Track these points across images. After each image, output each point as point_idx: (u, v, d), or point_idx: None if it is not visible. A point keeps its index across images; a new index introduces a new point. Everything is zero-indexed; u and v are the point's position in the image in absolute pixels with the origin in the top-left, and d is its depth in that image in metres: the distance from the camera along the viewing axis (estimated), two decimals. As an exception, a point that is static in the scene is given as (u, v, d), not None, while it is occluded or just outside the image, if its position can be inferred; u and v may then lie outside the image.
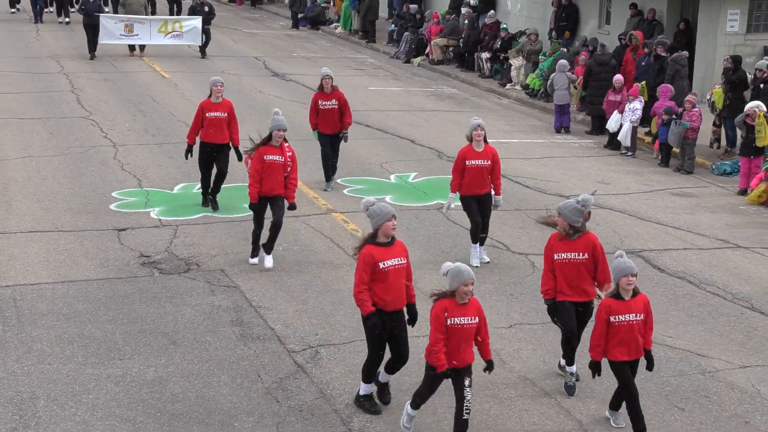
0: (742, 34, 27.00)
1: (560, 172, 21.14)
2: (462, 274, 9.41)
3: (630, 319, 9.94)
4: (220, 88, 17.34)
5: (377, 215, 10.30)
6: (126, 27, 32.81)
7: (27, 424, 10.34)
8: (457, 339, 9.56)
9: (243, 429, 10.38)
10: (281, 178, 14.58)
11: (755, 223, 18.17)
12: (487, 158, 14.97)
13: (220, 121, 17.16)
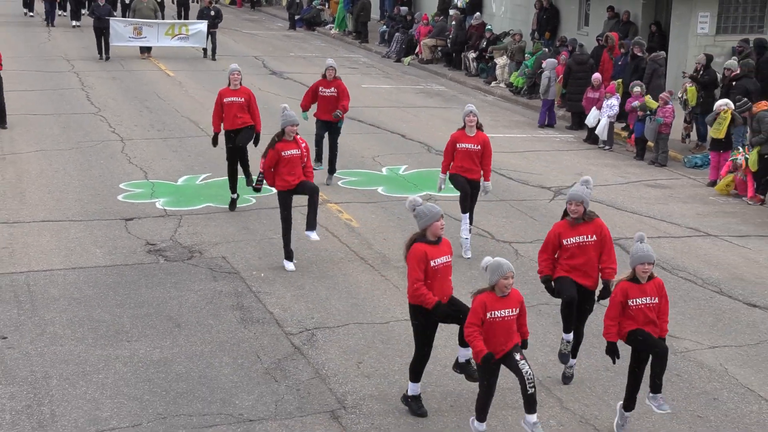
0: (712, 35, 27.04)
1: (542, 165, 21.16)
2: (502, 267, 9.11)
3: (646, 302, 9.66)
4: (237, 76, 16.89)
5: (425, 215, 9.93)
6: (135, 30, 32.66)
7: (41, 401, 10.36)
8: (499, 331, 9.23)
9: (243, 407, 10.40)
10: (300, 170, 14.29)
11: (723, 212, 18.21)
12: (478, 143, 14.73)
13: (238, 105, 16.78)
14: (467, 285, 12.42)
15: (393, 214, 17.25)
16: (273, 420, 10.15)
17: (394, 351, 11.86)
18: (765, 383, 11.33)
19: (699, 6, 26.84)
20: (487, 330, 9.18)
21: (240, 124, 16.78)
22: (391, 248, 15.50)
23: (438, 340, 12.11)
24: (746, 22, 27.43)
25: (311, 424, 10.09)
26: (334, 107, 18.50)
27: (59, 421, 9.98)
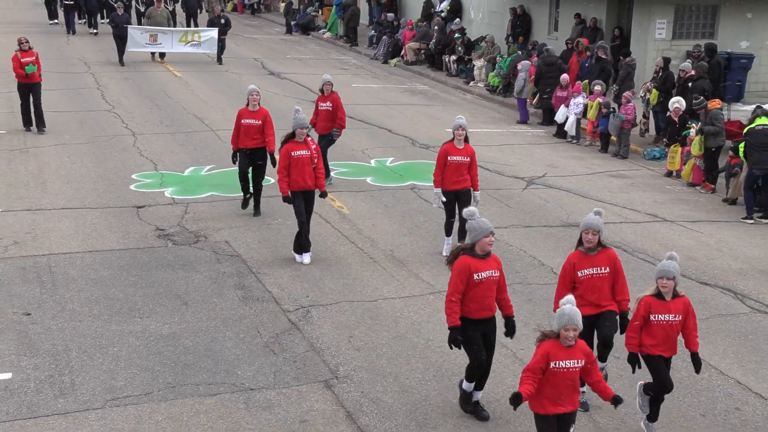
0: (669, 40, 27.11)
1: (516, 157, 21.17)
2: (563, 317, 7.92)
3: (669, 318, 8.97)
4: (255, 97, 15.86)
5: (476, 230, 9.22)
6: (151, 37, 32.41)
7: (62, 372, 10.37)
8: (562, 383, 8.00)
9: (245, 377, 10.42)
10: (310, 170, 13.81)
11: (679, 200, 18.27)
12: (467, 155, 14.02)
13: (254, 128, 15.86)
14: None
15: (381, 202, 17.27)
16: (272, 389, 10.17)
17: (382, 326, 11.90)
18: (714, 353, 11.40)
19: (657, 14, 26.92)
20: (548, 380, 7.98)
21: (256, 144, 15.94)
22: (379, 233, 15.52)
23: (421, 316, 12.18)
24: (699, 28, 27.52)
25: (307, 393, 10.11)
26: (329, 120, 17.86)
27: (78, 390, 9.99)
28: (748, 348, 11.63)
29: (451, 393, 10.19)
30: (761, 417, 9.96)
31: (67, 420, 9.41)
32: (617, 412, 9.62)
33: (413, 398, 10.07)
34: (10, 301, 12.29)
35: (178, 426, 9.35)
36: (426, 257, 14.47)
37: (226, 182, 18.00)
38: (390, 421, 9.60)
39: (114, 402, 9.78)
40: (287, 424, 9.46)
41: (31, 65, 21.00)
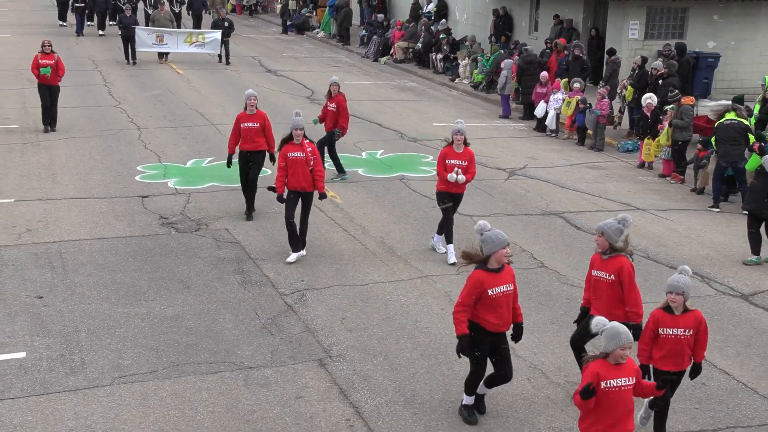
0: (641, 40, 27.16)
1: (498, 150, 21.20)
2: (620, 336, 7.24)
3: (677, 333, 8.36)
4: (252, 101, 15.30)
5: (492, 242, 8.67)
6: (157, 37, 32.14)
7: (72, 351, 10.40)
8: (615, 403, 7.26)
9: (244, 356, 10.45)
10: (306, 172, 13.36)
11: (650, 190, 18.34)
12: (465, 159, 13.45)
13: (255, 131, 15.40)
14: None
15: (371, 192, 17.29)
16: (269, 367, 10.20)
17: (373, 308, 11.94)
18: (684, 334, 11.46)
19: (630, 15, 26.98)
20: (600, 401, 7.24)
21: (255, 147, 15.49)
22: (370, 221, 15.55)
23: (409, 299, 12.22)
24: (669, 29, 27.57)
25: (302, 371, 10.15)
26: (333, 121, 17.60)
27: (88, 368, 10.01)
28: (714, 328, 11.67)
29: (437, 371, 10.24)
30: (725, 391, 10.04)
31: (78, 396, 9.43)
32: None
33: (402, 375, 10.12)
34: (24, 285, 12.30)
35: (182, 402, 9.39)
36: (414, 244, 14.51)
37: (226, 173, 17.95)
38: (380, 397, 9.64)
39: (121, 379, 9.81)
40: (284, 400, 9.49)
41: (48, 68, 20.67)
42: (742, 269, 13.88)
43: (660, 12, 27.38)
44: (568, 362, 10.55)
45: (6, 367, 10.01)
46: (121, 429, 8.86)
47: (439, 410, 9.41)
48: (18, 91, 26.15)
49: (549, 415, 9.38)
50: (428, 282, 12.93)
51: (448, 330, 11.31)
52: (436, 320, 11.60)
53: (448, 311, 11.78)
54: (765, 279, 13.54)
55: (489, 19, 32.92)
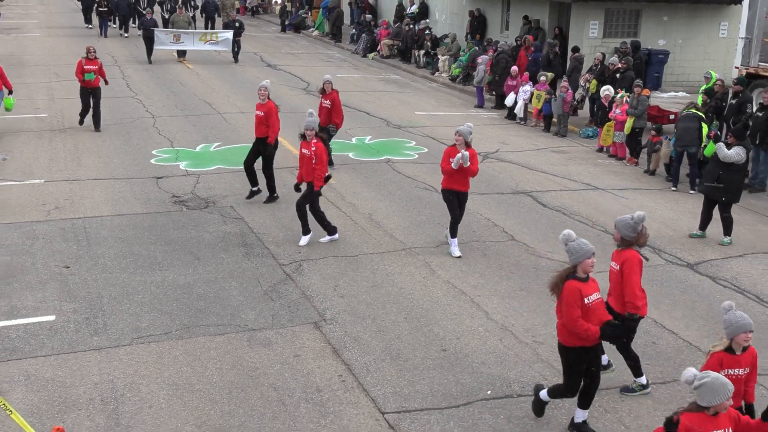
0: (600, 38, 27.11)
1: (473, 136, 21.10)
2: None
3: (738, 373, 7.23)
4: (262, 92, 14.85)
5: (577, 252, 7.82)
6: (175, 37, 31.58)
7: (96, 314, 10.39)
8: None
9: (248, 319, 10.46)
10: (309, 168, 13.03)
11: (608, 171, 18.37)
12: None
13: (259, 119, 14.80)
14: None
15: (361, 174, 17.26)
16: (270, 329, 10.22)
17: (362, 277, 11.95)
18: (637, 299, 11.53)
19: (591, 16, 26.94)
20: None
21: (261, 134, 14.92)
22: (360, 200, 15.54)
23: (394, 268, 12.22)
24: (625, 29, 27.53)
25: (299, 332, 10.17)
26: (326, 117, 17.00)
27: (110, 330, 10.01)
28: (663, 293, 11.77)
29: (419, 332, 10.27)
30: (672, 349, 10.12)
31: (101, 354, 9.44)
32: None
33: (388, 336, 10.15)
34: (53, 256, 12.26)
35: (193, 360, 9.40)
36: (399, 219, 14.51)
37: (232, 157, 17.95)
38: (369, 355, 9.67)
39: (139, 340, 9.81)
40: (283, 359, 9.51)
41: (92, 73, 19.62)
42: (689, 242, 13.95)
43: (617, 13, 27.35)
44: (536, 324, 10.61)
45: (38, 328, 10.00)
46: (140, 383, 8.87)
47: (421, 367, 9.45)
48: (46, 84, 25.97)
49: (518, 371, 9.44)
50: (411, 254, 12.95)
51: (428, 296, 11.35)
52: (418, 287, 11.62)
53: (430, 280, 11.85)
54: (708, 251, 13.62)
55: (465, 20, 32.79)
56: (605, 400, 8.87)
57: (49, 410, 8.34)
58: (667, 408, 8.76)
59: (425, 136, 20.82)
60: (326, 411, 8.50)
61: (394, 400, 8.75)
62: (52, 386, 8.77)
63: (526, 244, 13.57)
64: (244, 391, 8.82)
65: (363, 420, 8.36)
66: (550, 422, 8.43)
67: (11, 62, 30.10)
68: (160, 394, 8.70)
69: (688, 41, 28.20)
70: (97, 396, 8.61)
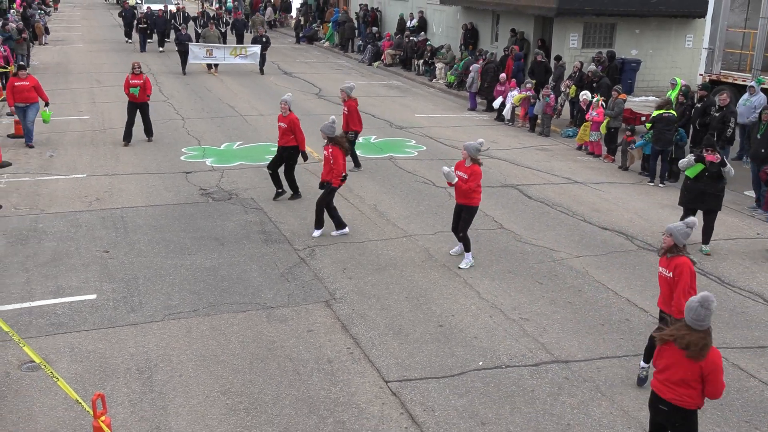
0: (579, 48, 26.95)
1: (466, 135, 21.02)
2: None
3: None
4: (283, 106, 14.30)
5: (685, 236, 7.85)
6: (207, 51, 30.82)
7: (132, 294, 10.37)
8: None
9: (267, 298, 10.43)
10: (329, 168, 12.72)
11: (587, 167, 18.28)
12: (467, 173, 11.52)
13: (281, 130, 14.61)
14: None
15: (367, 169, 17.19)
16: (286, 307, 10.19)
17: (368, 261, 11.91)
18: (611, 280, 11.48)
19: (570, 29, 26.78)
20: None
21: (284, 143, 14.39)
22: (366, 192, 15.48)
23: (397, 253, 12.17)
24: (601, 40, 27.37)
25: (312, 310, 10.14)
26: (345, 124, 16.60)
27: (144, 307, 9.99)
28: (636, 275, 11.71)
29: (418, 310, 10.23)
30: (644, 325, 10.06)
31: (137, 329, 9.41)
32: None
33: (391, 314, 10.11)
34: (94, 242, 12.24)
35: (218, 334, 9.37)
36: (400, 210, 14.46)
37: (253, 154, 17.89)
38: (374, 330, 9.63)
39: (171, 316, 9.78)
40: (298, 333, 9.48)
41: (137, 87, 18.59)
42: (659, 229, 13.86)
43: (594, 26, 27.20)
44: (522, 303, 10.56)
45: (81, 306, 9.98)
46: (171, 355, 8.85)
47: (420, 341, 9.41)
48: (88, 89, 25.91)
49: (507, 345, 9.39)
50: (411, 240, 12.90)
51: (426, 278, 11.30)
52: (418, 270, 11.57)
53: (428, 263, 11.80)
54: (675, 237, 13.53)
55: (459, 32, 32.64)
56: (584, 371, 8.83)
57: (91, 378, 8.32)
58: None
59: (424, 136, 20.74)
60: (336, 380, 8.46)
61: (396, 370, 8.71)
62: (93, 357, 8.75)
63: (514, 231, 13.51)
64: (263, 361, 8.79)
65: (369, 388, 8.33)
66: (534, 390, 8.40)
67: (58, 70, 30.08)
68: (189, 364, 8.68)
69: (658, 51, 28.07)
70: (134, 366, 8.59)
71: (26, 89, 17.69)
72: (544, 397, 8.29)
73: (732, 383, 8.63)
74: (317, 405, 7.99)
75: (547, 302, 10.58)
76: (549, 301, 10.61)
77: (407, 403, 8.07)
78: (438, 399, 8.17)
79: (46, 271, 11.07)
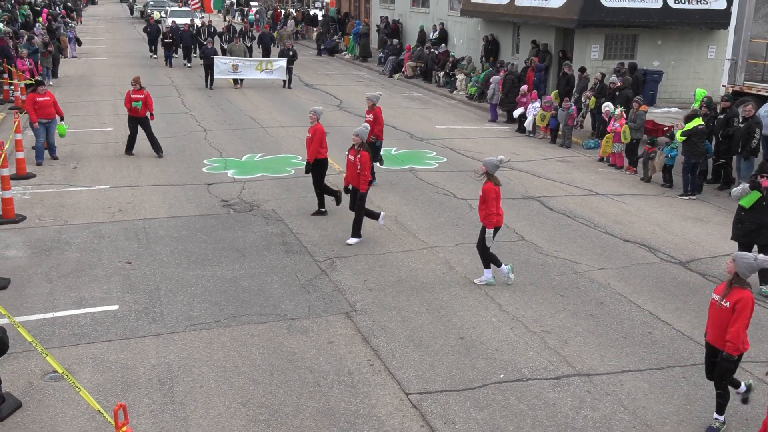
0: (601, 59, 26.87)
1: (487, 147, 21.04)
2: None
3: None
4: (311, 116, 14.30)
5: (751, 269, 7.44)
6: (233, 66, 30.61)
7: (154, 305, 10.41)
8: None
9: (287, 309, 10.44)
10: (354, 173, 12.72)
11: (609, 179, 18.18)
12: (481, 191, 11.27)
13: (308, 140, 14.26)
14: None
15: (387, 180, 17.20)
16: (307, 318, 10.19)
17: (389, 272, 11.89)
18: (634, 292, 11.38)
19: (592, 40, 26.71)
20: None
21: (311, 154, 14.29)
22: (387, 203, 15.48)
23: (417, 265, 12.14)
24: (622, 51, 27.27)
25: (333, 321, 10.13)
26: (370, 132, 16.13)
27: (166, 318, 10.03)
28: (659, 288, 11.61)
29: (439, 322, 10.19)
30: (666, 338, 9.96)
31: (158, 340, 9.45)
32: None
33: (411, 326, 10.08)
34: (117, 253, 12.32)
35: (238, 345, 9.39)
36: (421, 221, 14.44)
37: (274, 166, 17.96)
38: (394, 342, 9.61)
39: (192, 327, 9.81)
40: (318, 345, 9.48)
41: (139, 102, 18.68)
42: (682, 241, 13.75)
43: (615, 38, 27.10)
44: (543, 316, 10.50)
45: (104, 316, 10.04)
46: (192, 366, 8.87)
47: (441, 353, 9.37)
48: (112, 102, 26.16)
49: (528, 358, 9.33)
50: (432, 252, 12.88)
51: (447, 290, 11.27)
52: (438, 282, 11.54)
53: (448, 275, 11.76)
54: (699, 250, 13.42)
55: (480, 44, 32.65)
56: (606, 384, 8.75)
57: (113, 389, 8.36)
58: (662, 392, 8.64)
59: (445, 148, 20.73)
60: (356, 392, 8.45)
61: (416, 382, 8.68)
62: (115, 367, 8.80)
63: (535, 243, 13.45)
64: (283, 373, 8.79)
65: (389, 400, 8.30)
66: (556, 404, 8.33)
67: (82, 83, 30.43)
68: (210, 375, 8.70)
69: (680, 62, 27.91)
70: (155, 377, 8.63)
71: (47, 105, 17.74)
72: (566, 411, 8.22)
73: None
74: (337, 417, 7.98)
75: (569, 315, 10.51)
76: (571, 314, 10.54)
77: (428, 416, 8.03)
78: (459, 412, 8.12)
79: (69, 281, 11.16)
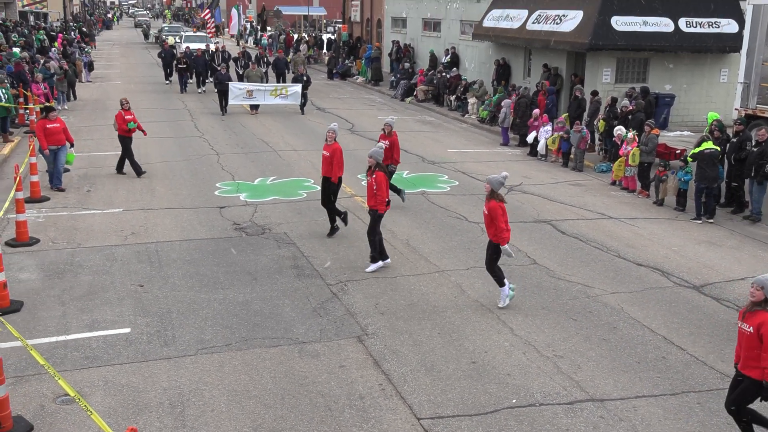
0: (612, 83, 26.91)
1: (499, 170, 20.97)
2: None
3: None
4: (330, 134, 14.39)
5: None
6: (248, 92, 30.44)
7: (166, 328, 10.42)
8: None
9: (299, 332, 10.43)
10: (371, 194, 12.78)
11: (621, 203, 18.14)
12: (488, 209, 11.25)
13: (326, 159, 14.37)
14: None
15: (399, 203, 17.19)
16: (318, 342, 10.17)
17: (400, 296, 11.88)
18: (647, 316, 11.31)
19: (604, 64, 26.77)
20: None
21: (325, 173, 14.49)
22: (398, 226, 15.48)
23: (429, 289, 12.11)
24: (634, 75, 27.30)
25: (344, 345, 10.11)
26: (387, 156, 16.18)
27: (178, 341, 10.04)
28: (672, 312, 11.54)
29: (451, 346, 10.16)
30: (681, 363, 9.88)
31: (170, 363, 9.45)
32: None
33: (423, 350, 10.05)
34: (129, 276, 12.36)
35: (250, 369, 9.38)
36: (432, 245, 14.43)
37: (286, 189, 18.02)
38: (406, 366, 9.58)
39: (203, 350, 9.81)
40: (330, 369, 9.46)
41: (132, 122, 18.88)
42: (695, 265, 13.68)
43: (627, 61, 27.16)
44: (556, 340, 10.44)
45: (115, 339, 10.06)
46: (203, 389, 8.86)
47: (453, 377, 9.33)
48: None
49: (540, 382, 9.27)
50: (444, 276, 12.86)
51: (459, 314, 11.23)
52: (450, 306, 11.52)
53: (460, 299, 11.73)
54: (712, 274, 13.34)
55: (492, 68, 32.79)
56: (620, 410, 8.68)
57: (124, 412, 8.36)
58: (676, 417, 8.56)
59: (456, 171, 20.76)
60: (368, 416, 8.41)
61: (428, 407, 8.64)
62: (126, 391, 8.80)
63: (547, 267, 13.41)
64: (295, 397, 8.77)
65: (401, 425, 8.26)
66: (569, 429, 8.26)
67: (96, 107, 30.71)
68: (221, 399, 8.68)
69: (692, 86, 27.91)
70: (166, 400, 8.62)
71: (57, 131, 17.70)
72: (579, 437, 8.15)
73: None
74: (349, 442, 7.94)
75: (582, 339, 10.45)
76: (583, 338, 10.48)
77: (439, 441, 7.98)
78: (471, 437, 8.07)
79: (81, 304, 11.20)
